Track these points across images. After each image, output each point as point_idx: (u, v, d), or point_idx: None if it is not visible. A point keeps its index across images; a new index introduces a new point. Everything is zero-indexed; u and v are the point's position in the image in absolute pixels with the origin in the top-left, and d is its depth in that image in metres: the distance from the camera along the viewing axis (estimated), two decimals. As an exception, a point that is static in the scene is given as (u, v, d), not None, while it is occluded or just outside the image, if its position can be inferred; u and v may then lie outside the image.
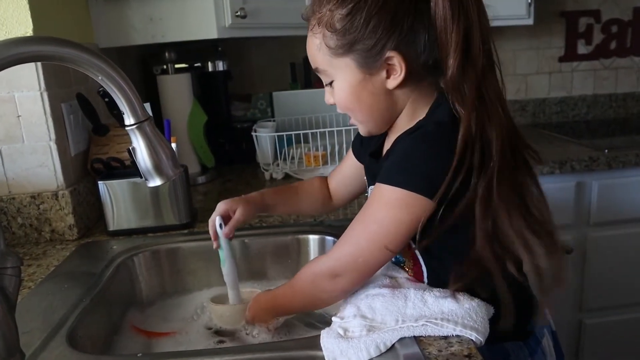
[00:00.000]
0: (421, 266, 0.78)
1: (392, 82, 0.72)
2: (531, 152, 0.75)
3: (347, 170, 1.00)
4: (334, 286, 0.74)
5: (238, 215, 0.92)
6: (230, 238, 0.92)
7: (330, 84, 0.77)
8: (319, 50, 0.74)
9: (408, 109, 0.76)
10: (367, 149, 0.88)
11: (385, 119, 0.78)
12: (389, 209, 0.70)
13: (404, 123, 0.77)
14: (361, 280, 0.75)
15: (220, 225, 0.91)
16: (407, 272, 0.81)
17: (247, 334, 0.85)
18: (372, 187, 0.82)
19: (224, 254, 0.92)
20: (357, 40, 0.70)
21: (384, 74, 0.72)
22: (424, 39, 0.70)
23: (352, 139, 0.99)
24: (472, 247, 0.70)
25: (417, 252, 0.77)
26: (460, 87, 0.69)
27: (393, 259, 0.82)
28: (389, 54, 0.70)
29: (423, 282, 0.78)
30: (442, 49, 0.69)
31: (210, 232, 0.93)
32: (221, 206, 0.93)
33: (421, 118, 0.75)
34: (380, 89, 0.74)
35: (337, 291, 0.75)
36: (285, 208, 1.03)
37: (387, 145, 0.81)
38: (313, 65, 0.78)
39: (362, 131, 0.82)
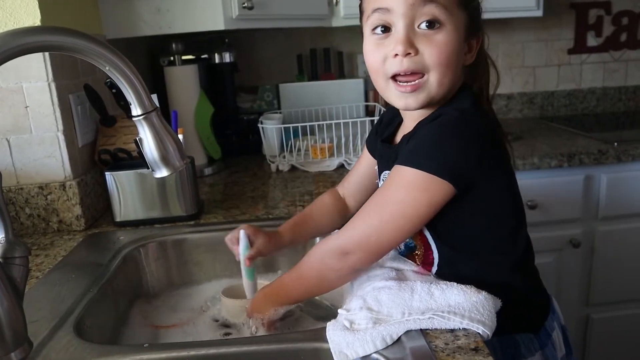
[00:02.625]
0: (432, 252, 0.78)
1: (469, 59, 0.75)
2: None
3: (363, 170, 0.98)
4: (343, 264, 0.73)
5: (257, 243, 0.90)
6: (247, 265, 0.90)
7: (432, 26, 0.68)
8: None
9: (450, 92, 0.76)
10: (380, 137, 0.88)
11: (447, 91, 0.74)
12: (409, 191, 0.69)
13: (426, 110, 0.77)
14: (371, 260, 0.74)
15: (241, 240, 0.90)
16: (417, 258, 0.81)
17: (247, 328, 0.85)
18: (385, 172, 0.83)
19: (244, 273, 0.91)
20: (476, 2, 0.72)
21: (466, 47, 0.74)
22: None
23: (366, 135, 0.99)
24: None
25: (429, 238, 0.77)
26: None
27: (403, 246, 0.82)
28: (480, 33, 0.75)
29: (431, 269, 0.79)
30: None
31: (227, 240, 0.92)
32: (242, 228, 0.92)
33: (441, 105, 0.76)
34: (461, 60, 0.74)
35: (346, 269, 0.74)
36: (307, 237, 0.99)
37: (403, 131, 0.81)
38: None
39: (423, 98, 0.72)
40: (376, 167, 0.90)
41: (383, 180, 0.85)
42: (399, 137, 0.83)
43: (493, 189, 0.73)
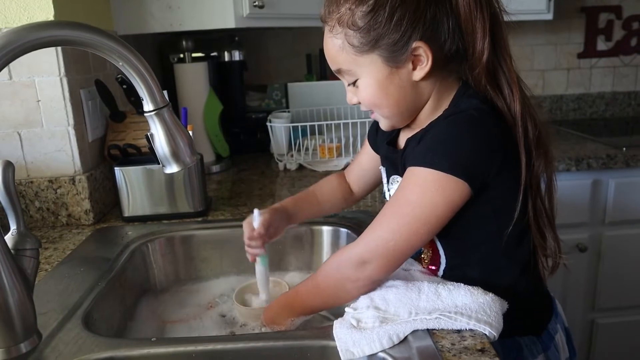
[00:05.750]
0: (440, 255, 0.77)
1: (419, 73, 0.72)
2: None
3: (365, 163, 1.00)
4: (361, 274, 0.71)
5: (262, 217, 0.90)
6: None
7: (354, 83, 0.76)
8: (341, 50, 0.73)
9: (432, 99, 0.76)
10: (383, 138, 0.88)
11: (410, 112, 0.77)
12: (424, 191, 0.68)
13: (427, 114, 0.77)
14: (390, 267, 0.72)
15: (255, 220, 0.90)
16: (424, 261, 0.81)
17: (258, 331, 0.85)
18: (394, 176, 0.83)
19: (258, 258, 0.91)
20: (382, 35, 0.70)
21: (410, 65, 0.72)
22: (447, 27, 0.71)
23: (368, 131, 0.99)
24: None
25: (436, 240, 0.77)
26: (496, 71, 0.72)
27: None
28: (415, 44, 0.70)
29: (438, 272, 0.79)
30: (468, 36, 0.71)
31: (246, 233, 0.91)
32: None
33: (445, 107, 0.75)
34: (407, 81, 0.73)
35: (363, 279, 0.72)
36: (308, 214, 1.00)
37: (407, 134, 0.81)
38: (334, 67, 0.77)
39: (386, 126, 0.81)
40: (381, 168, 0.90)
41: (391, 183, 0.85)
42: (402, 139, 0.83)
43: (503, 191, 0.73)
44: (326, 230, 1.10)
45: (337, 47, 0.73)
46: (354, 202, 1.07)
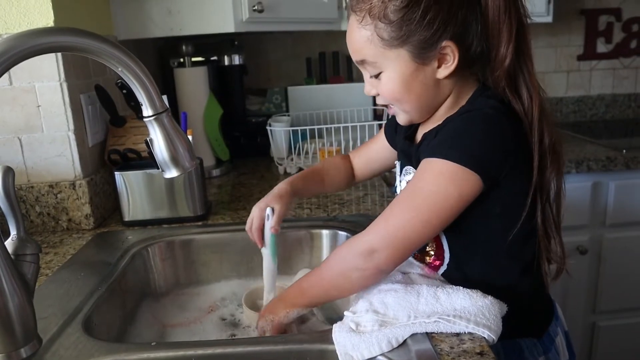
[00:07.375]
0: (444, 251, 0.78)
1: (444, 72, 0.73)
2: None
3: (374, 152, 1.02)
4: (369, 263, 0.71)
5: (278, 210, 0.90)
6: (276, 232, 0.90)
7: (376, 75, 0.76)
8: (369, 42, 0.73)
9: (451, 97, 0.77)
10: (401, 132, 0.89)
11: (430, 108, 0.78)
12: (438, 182, 0.69)
13: (445, 110, 0.78)
14: (398, 257, 0.71)
15: (268, 217, 0.90)
16: (429, 255, 0.81)
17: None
18: (407, 167, 0.84)
19: (268, 252, 0.91)
20: (414, 32, 0.70)
21: (435, 63, 0.73)
22: (475, 29, 0.72)
23: (385, 124, 1.00)
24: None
25: (442, 237, 0.77)
26: (516, 76, 0.73)
27: None
28: (445, 44, 0.71)
29: (441, 267, 0.79)
30: (493, 39, 0.72)
31: (254, 230, 0.91)
32: (258, 207, 0.92)
33: (462, 105, 0.76)
34: (431, 79, 0.74)
35: (371, 269, 0.71)
36: (313, 191, 1.06)
37: (424, 129, 0.82)
38: (358, 58, 0.77)
39: (404, 120, 0.82)
40: (397, 162, 0.91)
41: (403, 175, 0.85)
42: (419, 134, 0.84)
43: (512, 192, 0.73)
44: (325, 233, 1.10)
45: (364, 38, 0.73)
46: (353, 184, 1.10)
